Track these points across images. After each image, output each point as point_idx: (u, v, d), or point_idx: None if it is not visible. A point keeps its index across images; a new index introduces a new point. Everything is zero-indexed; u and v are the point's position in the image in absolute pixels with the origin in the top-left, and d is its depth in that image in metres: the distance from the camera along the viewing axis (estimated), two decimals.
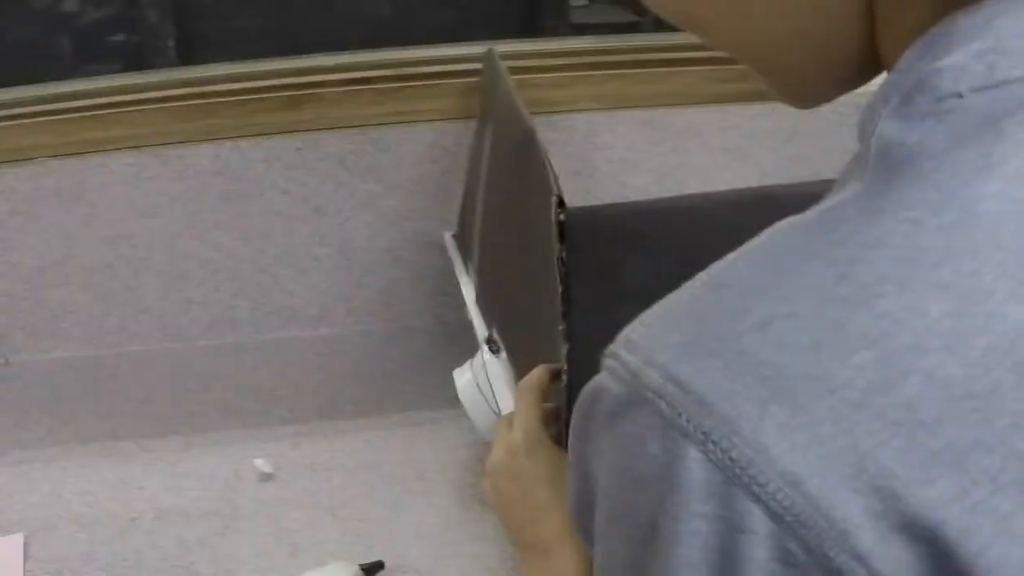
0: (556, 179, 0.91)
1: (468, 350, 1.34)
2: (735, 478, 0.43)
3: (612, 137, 1.57)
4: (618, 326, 0.92)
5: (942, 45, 0.48)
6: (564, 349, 0.92)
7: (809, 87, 0.61)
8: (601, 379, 0.49)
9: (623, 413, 0.47)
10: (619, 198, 1.46)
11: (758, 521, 0.43)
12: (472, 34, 1.64)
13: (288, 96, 1.45)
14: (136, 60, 1.70)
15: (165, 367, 1.48)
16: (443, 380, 1.43)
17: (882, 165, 0.47)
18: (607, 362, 0.49)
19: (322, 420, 1.36)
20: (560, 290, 0.89)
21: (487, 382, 1.21)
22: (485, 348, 1.23)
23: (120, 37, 1.73)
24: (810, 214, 0.49)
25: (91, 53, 1.68)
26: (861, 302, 0.44)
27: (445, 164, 1.52)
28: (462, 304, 1.57)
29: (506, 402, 1.16)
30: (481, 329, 1.28)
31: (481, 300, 1.31)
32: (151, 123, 1.43)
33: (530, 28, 1.94)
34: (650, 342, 0.48)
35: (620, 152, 1.58)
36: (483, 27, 1.65)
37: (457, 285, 1.53)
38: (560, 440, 0.96)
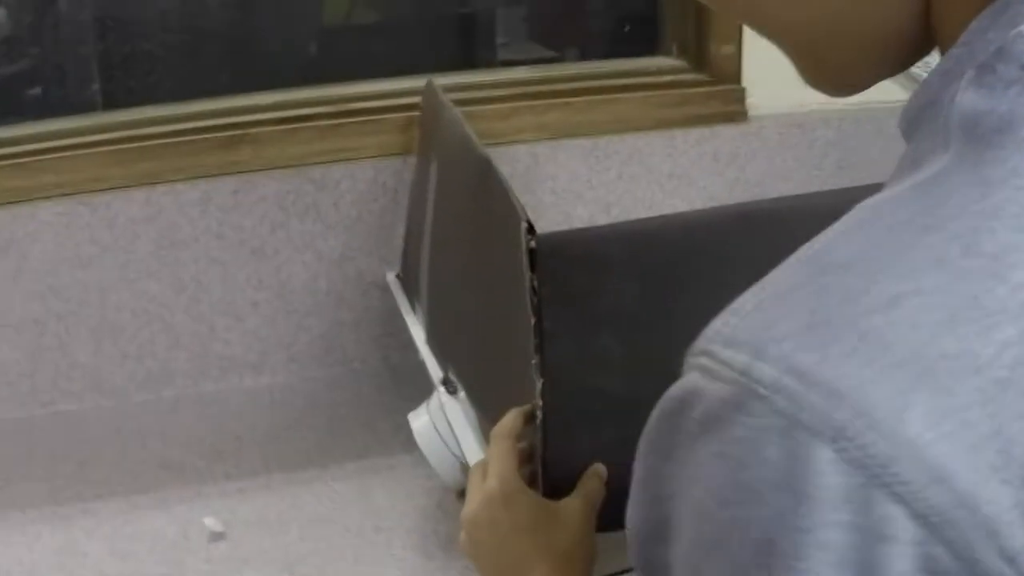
0: (522, 206, 0.86)
1: (419, 392, 1.29)
2: (875, 478, 0.38)
3: (556, 167, 1.54)
4: (595, 357, 0.88)
5: (1018, 11, 0.44)
6: (539, 384, 0.87)
7: (852, 71, 0.56)
8: (691, 382, 0.44)
9: (728, 417, 0.41)
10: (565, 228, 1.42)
11: (901, 526, 0.38)
12: (405, 70, 1.59)
13: (223, 137, 1.40)
14: (61, 107, 1.63)
15: (102, 426, 1.41)
16: (395, 425, 1.38)
17: (972, 137, 0.43)
18: (698, 362, 0.44)
19: (271, 473, 1.30)
20: (533, 322, 0.84)
21: (446, 424, 1.15)
22: (441, 389, 1.18)
23: (43, 85, 1.66)
24: (901, 190, 0.45)
25: (12, 102, 1.61)
26: (992, 274, 0.40)
27: (385, 202, 1.48)
28: (408, 345, 1.52)
29: (468, 444, 1.11)
30: (435, 370, 1.23)
31: (433, 340, 1.26)
32: (80, 170, 1.37)
33: (463, 63, 1.90)
34: (755, 333, 0.42)
35: (564, 182, 1.54)
36: (416, 63, 1.60)
37: (402, 326, 1.48)
38: (534, 481, 0.91)
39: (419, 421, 1.19)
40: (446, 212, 1.19)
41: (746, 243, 0.89)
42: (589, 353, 0.88)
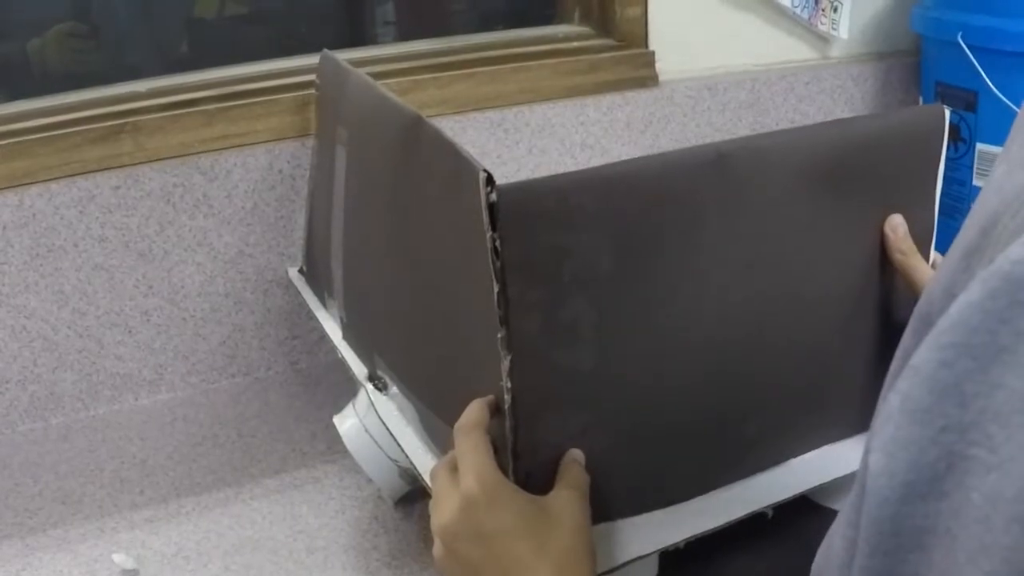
0: (472, 156, 0.75)
1: (334, 396, 1.18)
2: None
3: (464, 142, 1.39)
4: (566, 327, 0.76)
5: None
6: (505, 362, 0.75)
7: None
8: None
9: None
10: None
11: None
12: (288, 54, 1.47)
13: (101, 128, 1.25)
14: None
15: None
16: (312, 433, 1.27)
17: None
18: None
19: (181, 498, 1.16)
20: (496, 290, 0.73)
21: (378, 425, 1.03)
22: (368, 386, 1.06)
23: None
24: None
25: None
26: None
27: (282, 190, 1.35)
28: (317, 347, 1.41)
29: (409, 443, 0.99)
30: (358, 366, 1.10)
31: (352, 334, 1.14)
32: None
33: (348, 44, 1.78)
34: None
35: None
36: (298, 48, 1.47)
37: (309, 327, 1.36)
38: (505, 472, 0.79)
39: (347, 424, 1.07)
40: (364, 187, 1.07)
41: (722, 186, 0.80)
42: (559, 323, 0.76)
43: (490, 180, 0.70)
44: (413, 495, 1.10)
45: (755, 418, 0.88)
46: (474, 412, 0.79)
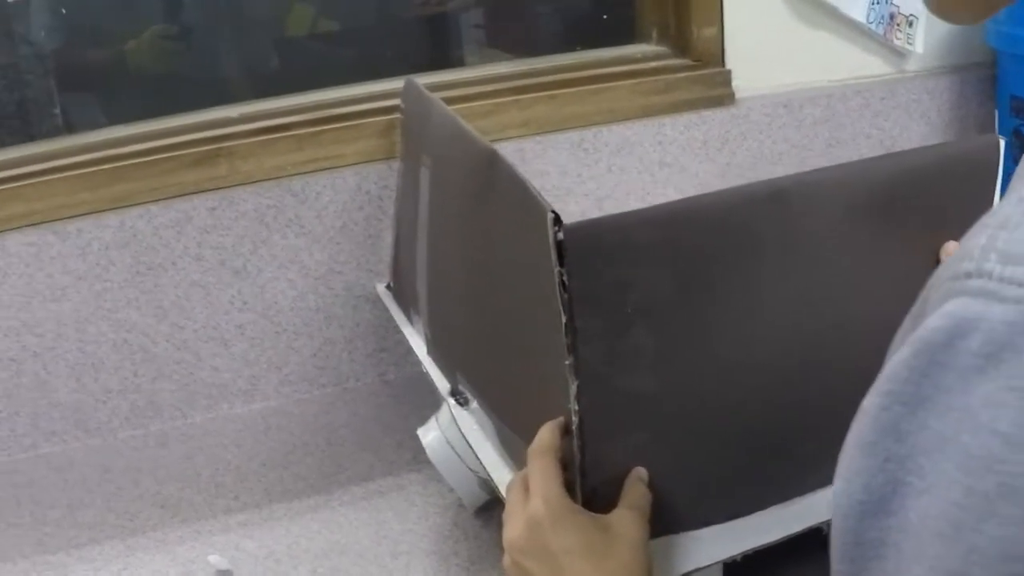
0: (541, 195, 0.80)
1: (419, 408, 1.23)
2: None
3: (544, 163, 1.48)
4: (628, 354, 0.82)
5: None
6: (573, 387, 0.80)
7: None
8: (962, 309, 0.38)
9: (1021, 343, 0.36)
10: None
11: None
12: (374, 76, 1.53)
13: (197, 153, 1.33)
14: (22, 132, 1.56)
15: (88, 466, 1.34)
16: (399, 442, 1.32)
17: None
18: (966, 285, 0.38)
19: (273, 503, 1.23)
20: (564, 320, 0.78)
21: (459, 438, 1.09)
22: (451, 401, 1.11)
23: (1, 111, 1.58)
24: None
25: None
26: None
27: (370, 210, 1.41)
28: (404, 359, 1.46)
29: (487, 456, 1.04)
30: (442, 381, 1.16)
31: (436, 350, 1.20)
32: (48, 196, 1.29)
33: (432, 65, 1.84)
34: None
35: (554, 178, 1.49)
36: (384, 68, 1.53)
37: (396, 340, 1.42)
38: (572, 489, 0.85)
39: (430, 436, 1.13)
40: (444, 214, 1.12)
41: (778, 220, 0.84)
42: (623, 350, 0.81)
43: (557, 220, 0.75)
44: (492, 504, 1.15)
45: (812, 439, 0.92)
46: (546, 436, 0.84)
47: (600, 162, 1.50)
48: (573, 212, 1.49)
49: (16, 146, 1.38)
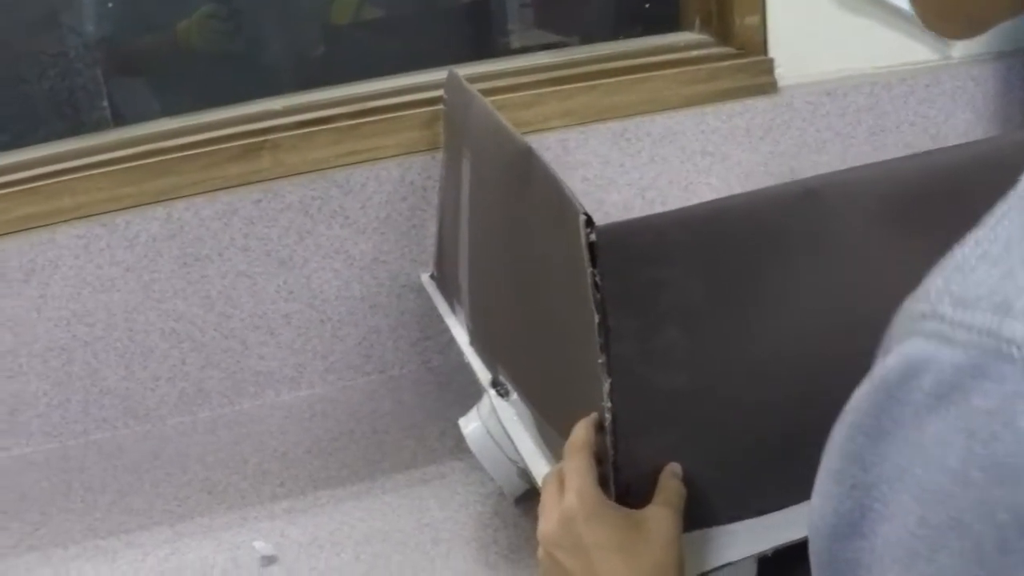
0: (576, 197, 0.81)
1: (463, 396, 1.25)
2: None
3: (586, 153, 1.48)
4: (661, 353, 0.83)
5: None
6: (606, 384, 0.82)
7: (978, 11, 0.51)
8: (916, 350, 0.39)
9: (970, 386, 0.37)
10: (601, 217, 1.37)
11: None
12: (417, 65, 1.54)
13: (241, 146, 1.35)
14: (71, 125, 1.59)
15: (137, 452, 1.37)
16: (442, 430, 1.34)
17: None
18: (921, 327, 0.40)
19: (318, 490, 1.25)
20: (597, 320, 0.79)
21: (500, 429, 1.10)
22: (492, 392, 1.13)
23: (50, 106, 1.61)
24: None
25: (21, 126, 1.56)
26: None
27: (414, 201, 1.43)
28: (448, 348, 1.48)
29: (525, 447, 1.06)
30: (483, 373, 1.17)
31: (478, 341, 1.21)
32: (96, 190, 1.32)
33: (476, 53, 1.85)
34: (995, 288, 0.38)
35: (596, 168, 1.49)
36: (427, 56, 1.55)
37: (440, 329, 1.43)
38: (605, 483, 0.86)
39: (471, 427, 1.14)
40: (484, 207, 1.14)
41: (810, 220, 0.84)
42: (655, 349, 0.82)
43: (589, 221, 0.77)
44: (531, 493, 1.16)
45: None
46: (581, 432, 0.86)
47: (642, 152, 1.51)
48: (615, 202, 1.50)
49: (63, 139, 1.40)
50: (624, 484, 0.86)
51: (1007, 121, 1.69)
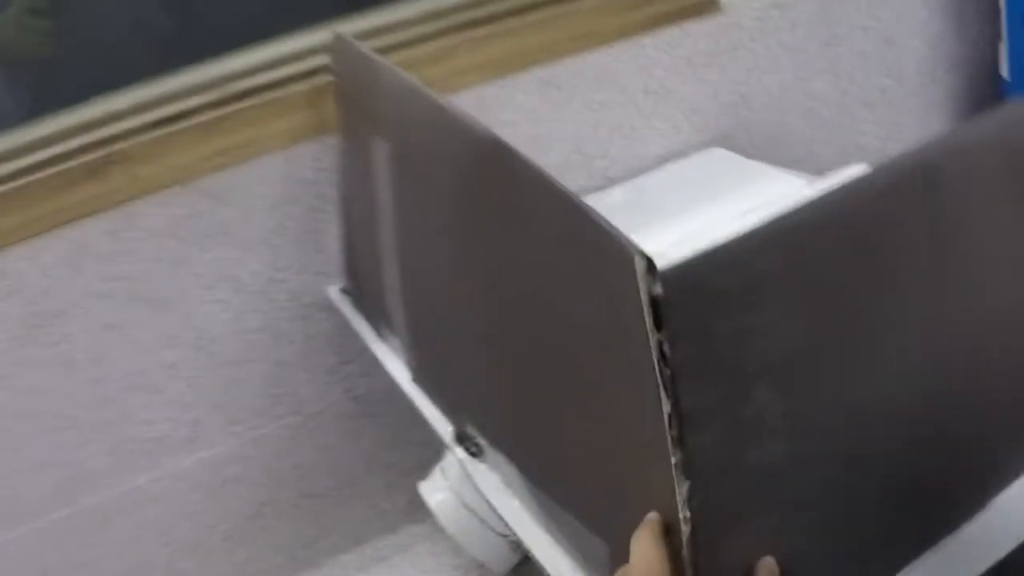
0: (617, 229, 0.54)
1: (401, 428, 0.99)
2: None
3: (511, 110, 1.25)
4: (750, 424, 0.57)
5: None
6: (683, 488, 0.55)
7: None
8: None
9: None
10: None
11: None
12: (290, 24, 1.24)
13: (82, 164, 1.05)
14: None
15: (15, 562, 1.10)
16: (387, 482, 1.09)
17: None
18: None
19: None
20: (670, 404, 0.53)
21: (475, 496, 0.84)
22: (458, 450, 0.86)
23: None
24: None
25: None
26: None
27: (308, 201, 1.17)
28: (373, 369, 1.22)
29: (511, 514, 0.80)
30: (440, 422, 0.91)
31: (428, 383, 0.95)
32: None
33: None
34: None
35: (524, 127, 1.26)
36: (300, 12, 1.25)
37: (359, 348, 1.17)
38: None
39: (438, 497, 0.88)
40: (425, 212, 0.86)
41: (930, 206, 0.60)
42: (743, 421, 0.57)
43: (651, 267, 0.50)
44: (525, 562, 0.92)
45: (960, 474, 0.71)
46: (649, 554, 0.60)
47: (575, 100, 1.27)
48: (553, 164, 1.26)
49: None
50: None
51: (962, 14, 1.55)
